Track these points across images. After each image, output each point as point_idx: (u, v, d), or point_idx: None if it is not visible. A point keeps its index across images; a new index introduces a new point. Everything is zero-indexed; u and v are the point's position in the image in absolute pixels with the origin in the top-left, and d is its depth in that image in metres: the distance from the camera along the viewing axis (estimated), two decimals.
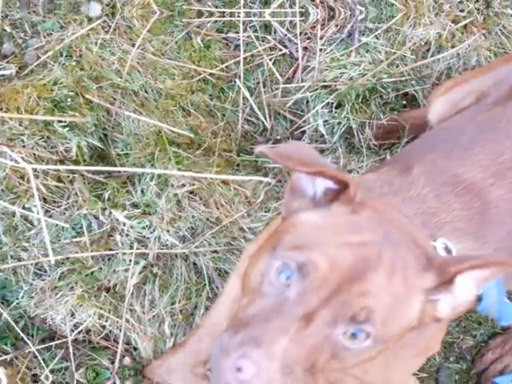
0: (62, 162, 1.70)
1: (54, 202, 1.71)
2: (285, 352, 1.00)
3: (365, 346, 1.05)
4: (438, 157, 1.42)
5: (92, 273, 1.71)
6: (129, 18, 1.96)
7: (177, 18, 2.01)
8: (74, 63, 1.86)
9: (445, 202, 1.31)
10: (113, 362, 1.72)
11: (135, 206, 1.76)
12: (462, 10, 2.07)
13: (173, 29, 2.00)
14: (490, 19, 2.10)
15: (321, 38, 2.03)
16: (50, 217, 1.65)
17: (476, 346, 1.93)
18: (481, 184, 1.35)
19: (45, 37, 1.89)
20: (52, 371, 1.69)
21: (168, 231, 1.75)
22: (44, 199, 1.69)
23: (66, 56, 1.86)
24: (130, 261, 1.71)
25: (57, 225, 1.64)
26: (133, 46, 1.91)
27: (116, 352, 1.71)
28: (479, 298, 1.22)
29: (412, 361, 1.44)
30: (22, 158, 1.56)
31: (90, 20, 1.92)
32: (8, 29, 1.89)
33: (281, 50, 2.04)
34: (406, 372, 1.49)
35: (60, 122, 1.66)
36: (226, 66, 2.01)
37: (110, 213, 1.71)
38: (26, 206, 1.66)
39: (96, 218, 1.71)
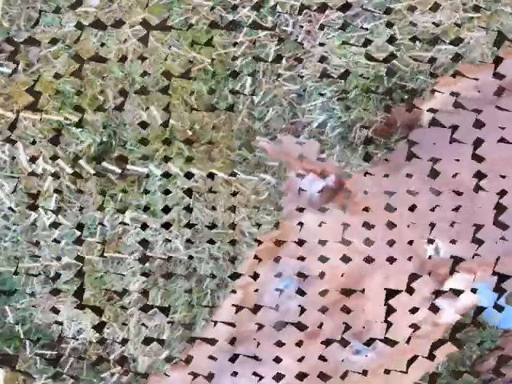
0: (76, 162, 1.78)
1: (69, 202, 1.79)
2: (288, 370, 1.05)
3: (368, 360, 1.10)
4: (427, 156, 1.44)
5: (101, 276, 1.79)
6: (127, 5, 2.04)
7: (175, 2, 2.08)
8: (76, 57, 1.85)
9: (432, 203, 1.36)
10: (112, 375, 1.79)
11: (144, 207, 1.83)
12: (464, 3, 2.13)
13: (172, 13, 2.07)
14: (492, 16, 2.15)
15: (324, 23, 2.09)
16: (65, 216, 1.73)
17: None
18: (468, 184, 1.39)
19: (45, 31, 1.95)
20: (49, 378, 1.75)
21: (174, 235, 1.83)
22: (60, 199, 1.77)
23: (67, 49, 1.94)
24: (135, 266, 1.78)
25: (71, 226, 1.73)
26: (132, 35, 1.96)
27: (114, 364, 1.78)
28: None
29: (415, 371, 1.44)
30: (38, 158, 1.64)
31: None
32: (6, 25, 1.95)
33: (282, 34, 2.11)
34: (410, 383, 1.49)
35: (71, 120, 1.74)
36: (225, 53, 2.07)
37: (121, 214, 1.79)
38: (43, 206, 1.73)
39: (108, 219, 1.80)
